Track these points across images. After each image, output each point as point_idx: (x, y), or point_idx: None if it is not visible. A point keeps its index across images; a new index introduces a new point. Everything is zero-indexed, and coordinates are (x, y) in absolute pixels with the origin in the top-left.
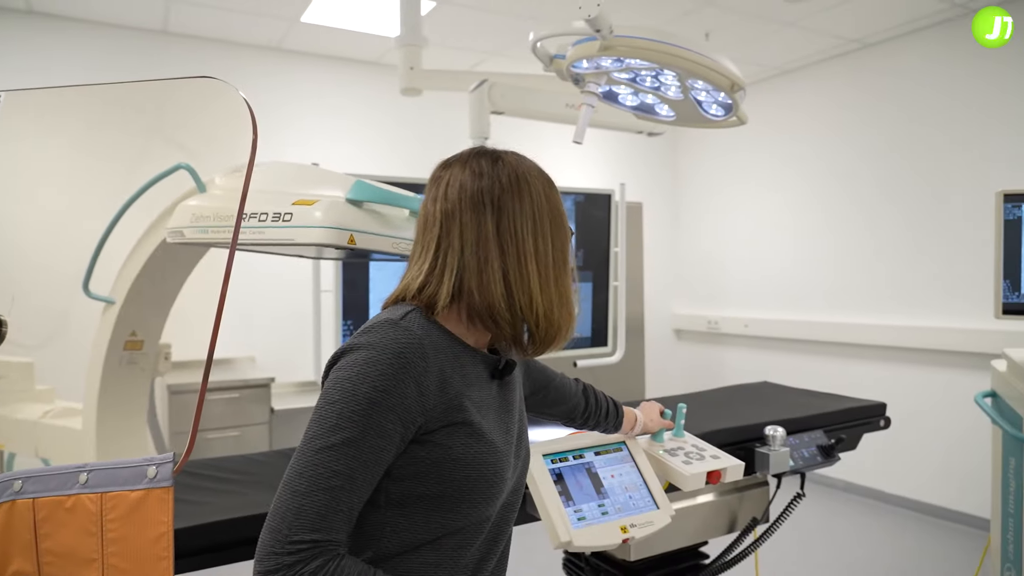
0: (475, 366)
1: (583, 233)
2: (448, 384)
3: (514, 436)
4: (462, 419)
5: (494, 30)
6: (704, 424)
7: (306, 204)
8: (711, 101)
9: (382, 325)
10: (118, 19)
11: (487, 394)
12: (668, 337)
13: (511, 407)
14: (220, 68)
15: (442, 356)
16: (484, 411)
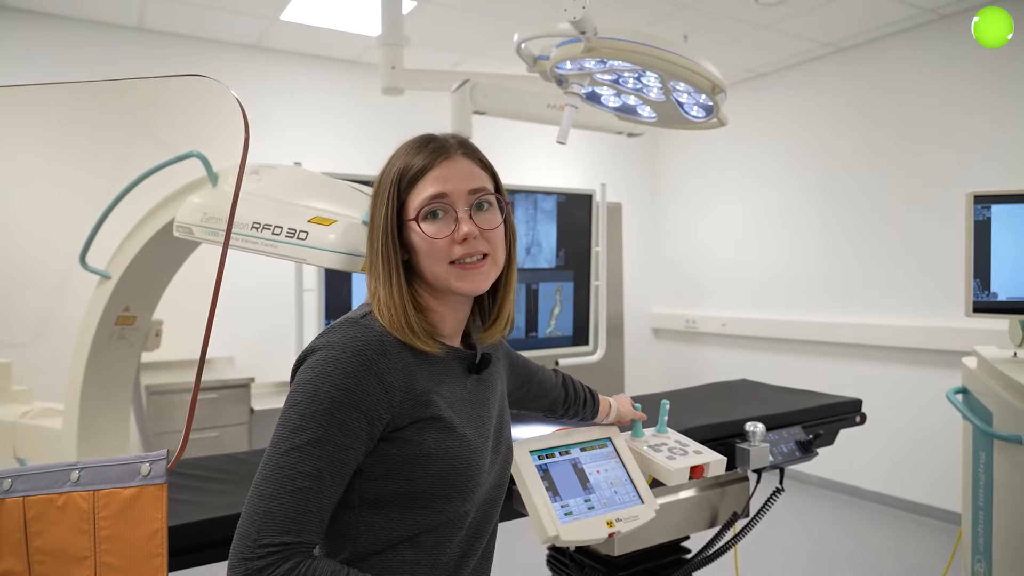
0: (447, 363)
1: (564, 233)
2: (414, 380)
3: (490, 431)
4: (431, 414)
5: (475, 30)
6: (686, 420)
7: (323, 224)
8: (692, 103)
9: (342, 325)
10: (93, 15)
11: (461, 390)
12: (647, 336)
13: (488, 402)
14: (197, 65)
15: (407, 353)
16: (457, 407)
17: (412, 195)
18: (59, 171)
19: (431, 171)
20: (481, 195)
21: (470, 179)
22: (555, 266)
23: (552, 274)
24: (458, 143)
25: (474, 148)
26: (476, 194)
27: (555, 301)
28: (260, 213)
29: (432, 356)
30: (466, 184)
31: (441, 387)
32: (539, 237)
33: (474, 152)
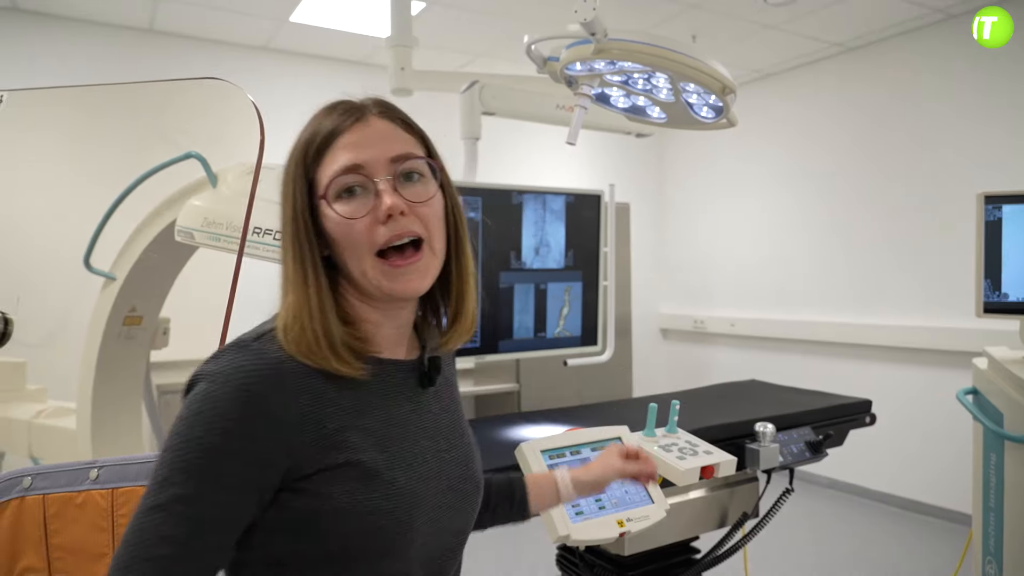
0: (382, 383)
1: (573, 233)
2: (325, 415)
3: (443, 463)
4: (345, 460)
5: (482, 31)
6: (696, 421)
7: None
8: (702, 104)
9: (230, 349)
10: (104, 17)
11: (400, 416)
12: (654, 336)
13: (438, 424)
14: (207, 67)
15: (316, 380)
16: (389, 442)
17: (321, 169)
18: (76, 173)
19: (341, 137)
20: (406, 162)
21: (391, 143)
22: (564, 266)
23: (561, 274)
24: (374, 102)
25: (395, 108)
26: (400, 161)
27: (564, 301)
28: (264, 218)
29: (356, 379)
30: (386, 150)
31: (365, 419)
32: (548, 237)
33: (394, 112)
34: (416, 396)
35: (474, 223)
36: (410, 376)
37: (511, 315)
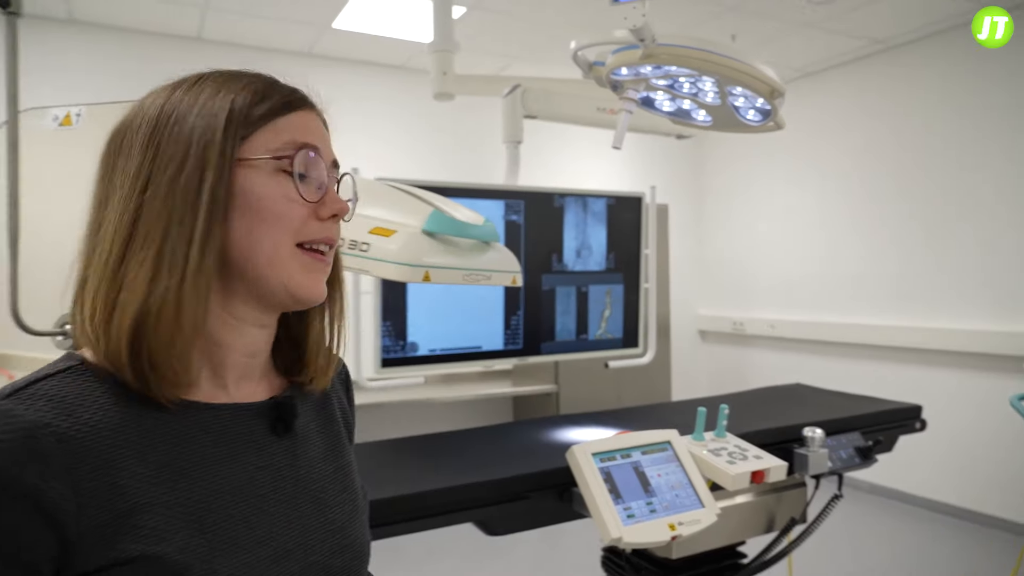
0: (212, 430)
1: (614, 236)
2: (115, 489)
3: (297, 535)
4: (140, 552)
5: (521, 34)
6: (742, 425)
7: (383, 234)
8: (748, 107)
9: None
10: (156, 27)
11: (230, 477)
12: (693, 338)
13: (302, 481)
14: None
15: (103, 439)
16: (213, 516)
17: (262, 134)
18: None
19: (295, 113)
20: (337, 171)
21: (329, 146)
22: (605, 269)
23: (602, 276)
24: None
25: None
26: (337, 169)
27: (605, 304)
28: None
29: (172, 427)
30: (329, 151)
31: (180, 486)
32: (589, 240)
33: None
34: (268, 447)
35: (516, 226)
36: (256, 422)
37: (553, 317)
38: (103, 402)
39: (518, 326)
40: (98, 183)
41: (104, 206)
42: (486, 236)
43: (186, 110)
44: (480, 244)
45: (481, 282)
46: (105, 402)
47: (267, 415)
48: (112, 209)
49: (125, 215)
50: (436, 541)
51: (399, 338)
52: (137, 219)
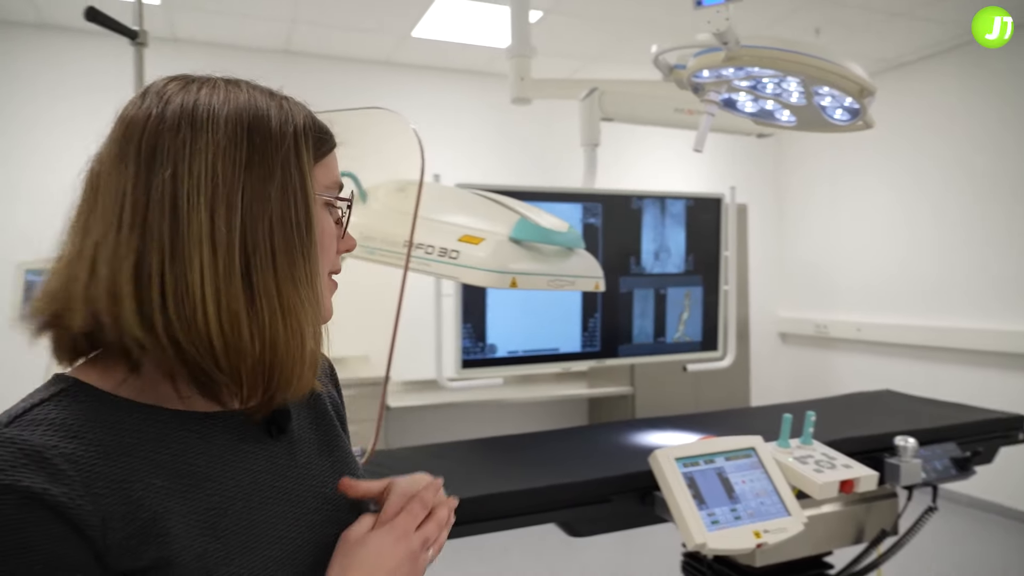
0: (216, 438)
1: (693, 237)
2: (133, 503)
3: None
4: (157, 556)
5: (596, 37)
6: (829, 432)
7: (472, 242)
8: (836, 106)
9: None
10: (248, 42)
11: (241, 482)
12: (773, 341)
13: (304, 477)
14: (336, 83)
15: (116, 458)
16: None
17: (319, 168)
18: None
19: (331, 152)
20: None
21: None
22: (684, 271)
23: (680, 279)
24: None
25: None
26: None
27: (683, 306)
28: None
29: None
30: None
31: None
32: (667, 242)
33: None
34: (266, 450)
35: (594, 228)
36: (256, 427)
37: (630, 320)
38: (105, 420)
39: (595, 328)
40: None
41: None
42: (571, 242)
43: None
44: (564, 250)
45: (565, 287)
46: (107, 420)
47: (261, 420)
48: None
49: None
50: (515, 541)
51: (479, 340)
52: (245, 234)
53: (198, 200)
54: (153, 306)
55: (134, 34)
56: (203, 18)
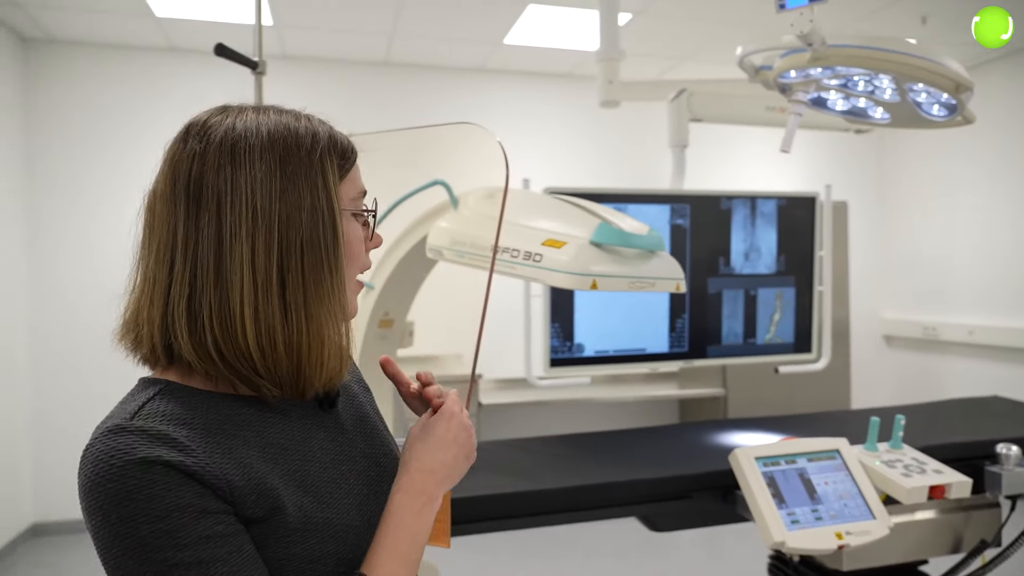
0: (286, 419)
1: (785, 237)
2: (241, 468)
3: (367, 485)
4: (271, 506)
5: (686, 36)
6: (925, 437)
7: (554, 246)
8: (932, 102)
9: (103, 438)
10: (351, 56)
11: (312, 450)
12: (877, 344)
13: (354, 441)
14: (433, 91)
15: (219, 437)
16: (311, 480)
17: (345, 184)
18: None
19: (354, 164)
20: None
21: None
22: (775, 271)
23: (772, 279)
24: None
25: None
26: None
27: (775, 307)
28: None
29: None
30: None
31: (282, 463)
32: (758, 242)
33: None
34: (323, 422)
35: (682, 230)
36: (311, 404)
37: (719, 321)
38: (200, 409)
39: (683, 329)
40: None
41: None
42: (651, 245)
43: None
44: (645, 252)
45: (646, 289)
46: (201, 408)
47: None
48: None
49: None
50: (604, 538)
51: (566, 339)
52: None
53: (240, 231)
54: (204, 329)
55: (255, 64)
56: (310, 36)
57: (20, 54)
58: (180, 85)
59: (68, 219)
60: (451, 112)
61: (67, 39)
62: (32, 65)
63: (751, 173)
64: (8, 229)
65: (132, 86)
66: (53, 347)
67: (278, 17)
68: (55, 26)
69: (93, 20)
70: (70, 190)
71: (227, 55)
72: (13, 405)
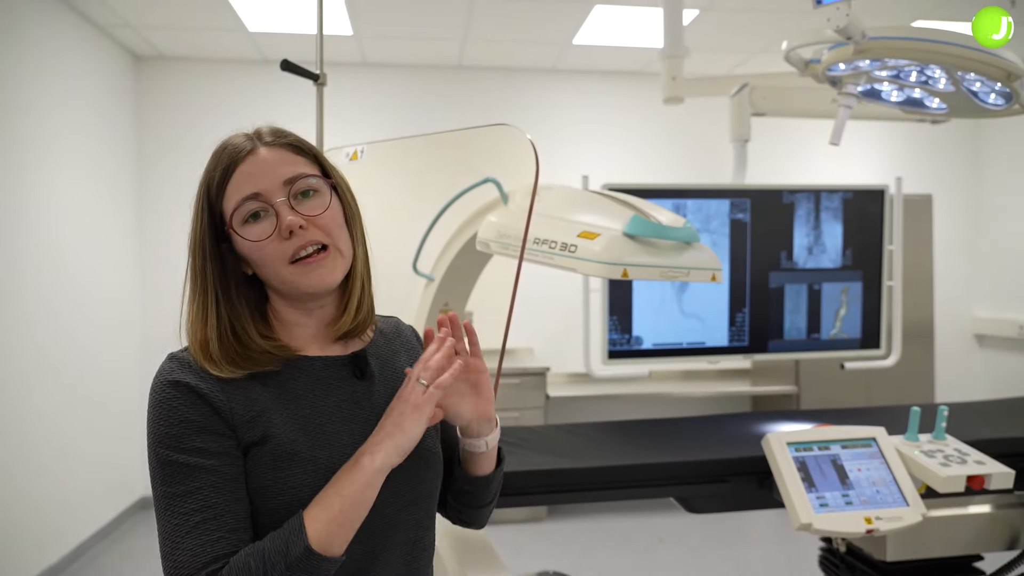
0: (306, 376)
1: (852, 231)
2: (248, 403)
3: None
4: (262, 434)
5: (759, 29)
6: (978, 432)
7: (589, 237)
8: (987, 91)
9: (165, 360)
10: (426, 61)
11: (325, 405)
12: (966, 343)
13: (377, 408)
14: (505, 92)
15: (240, 380)
16: (313, 426)
17: (224, 202)
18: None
19: (236, 170)
20: (298, 182)
21: (281, 168)
22: (840, 266)
23: (836, 274)
24: (262, 134)
25: (284, 134)
26: (294, 182)
27: (840, 302)
28: (539, 230)
29: (274, 372)
30: (278, 174)
31: (292, 407)
32: (822, 236)
33: (283, 138)
34: (351, 387)
35: (742, 224)
36: (343, 369)
37: (781, 315)
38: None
39: (743, 323)
40: None
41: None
42: (684, 237)
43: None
44: (680, 244)
45: (679, 278)
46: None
47: (349, 364)
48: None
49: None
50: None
51: (624, 332)
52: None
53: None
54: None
55: (316, 77)
56: (387, 43)
57: (133, 70)
58: (270, 94)
59: (174, 224)
60: (523, 112)
61: (173, 55)
62: (143, 80)
63: (827, 166)
64: (124, 234)
65: (229, 96)
66: (159, 338)
67: (357, 28)
68: (163, 44)
69: (195, 37)
70: (176, 196)
71: (292, 69)
72: (127, 389)
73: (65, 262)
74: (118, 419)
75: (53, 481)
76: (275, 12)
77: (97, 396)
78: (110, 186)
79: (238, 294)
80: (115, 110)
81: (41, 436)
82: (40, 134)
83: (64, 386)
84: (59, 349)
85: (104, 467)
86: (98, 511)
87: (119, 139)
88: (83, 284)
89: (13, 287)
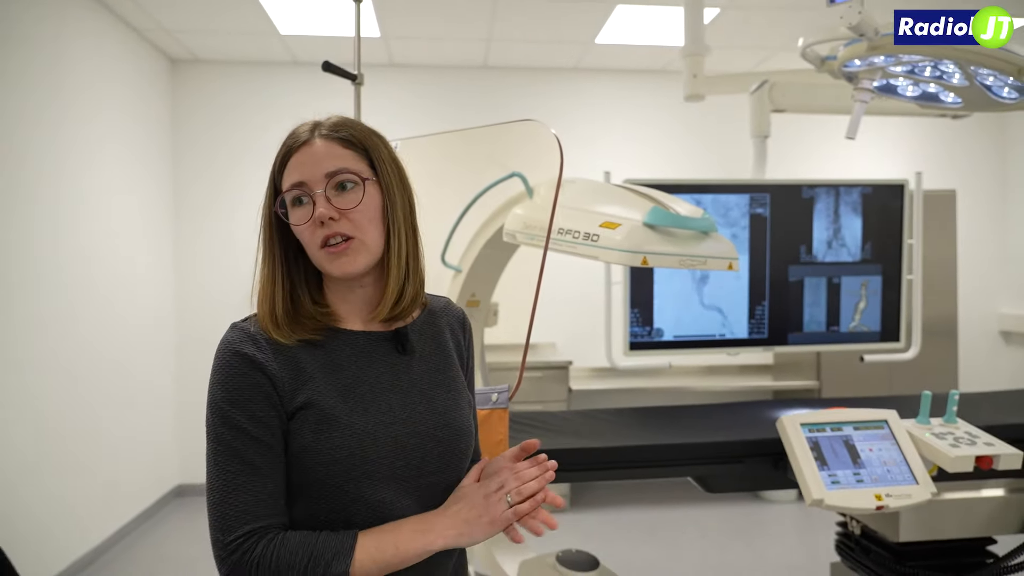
0: (350, 347)
1: (872, 226)
2: (296, 369)
3: (407, 413)
4: (306, 400)
5: (780, 27)
6: (991, 418)
7: (610, 227)
8: (1001, 84)
9: (228, 330)
10: (451, 61)
11: (367, 375)
12: (992, 340)
13: (415, 383)
14: (529, 91)
15: (287, 347)
16: (353, 394)
17: (282, 184)
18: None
19: (291, 158)
20: (340, 176)
21: (327, 160)
22: (860, 260)
23: (856, 268)
24: (315, 126)
25: (342, 126)
26: (334, 176)
27: (860, 296)
28: (563, 220)
29: (323, 342)
30: (321, 167)
31: (334, 375)
32: (842, 230)
33: (339, 131)
34: (393, 360)
35: (761, 218)
36: (386, 344)
37: (800, 308)
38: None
39: (763, 316)
40: None
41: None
42: (703, 227)
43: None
44: (698, 234)
45: (696, 267)
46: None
47: (392, 340)
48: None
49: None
50: (686, 519)
51: (646, 324)
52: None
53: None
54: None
55: (354, 77)
56: (414, 44)
57: (169, 73)
58: (302, 94)
59: (208, 221)
60: (546, 111)
61: (207, 59)
62: (179, 83)
63: (849, 161)
64: (160, 230)
65: (262, 97)
66: (194, 330)
67: (385, 29)
68: (198, 47)
69: (228, 40)
70: (211, 194)
71: (332, 70)
72: (162, 381)
73: (104, 261)
74: (154, 411)
75: (94, 469)
76: (306, 15)
77: (135, 388)
78: (147, 186)
79: (297, 264)
80: (151, 112)
81: (84, 426)
82: (82, 136)
83: (102, 379)
84: (101, 343)
85: (142, 456)
86: (137, 498)
87: (156, 140)
88: (122, 281)
89: (59, 283)
